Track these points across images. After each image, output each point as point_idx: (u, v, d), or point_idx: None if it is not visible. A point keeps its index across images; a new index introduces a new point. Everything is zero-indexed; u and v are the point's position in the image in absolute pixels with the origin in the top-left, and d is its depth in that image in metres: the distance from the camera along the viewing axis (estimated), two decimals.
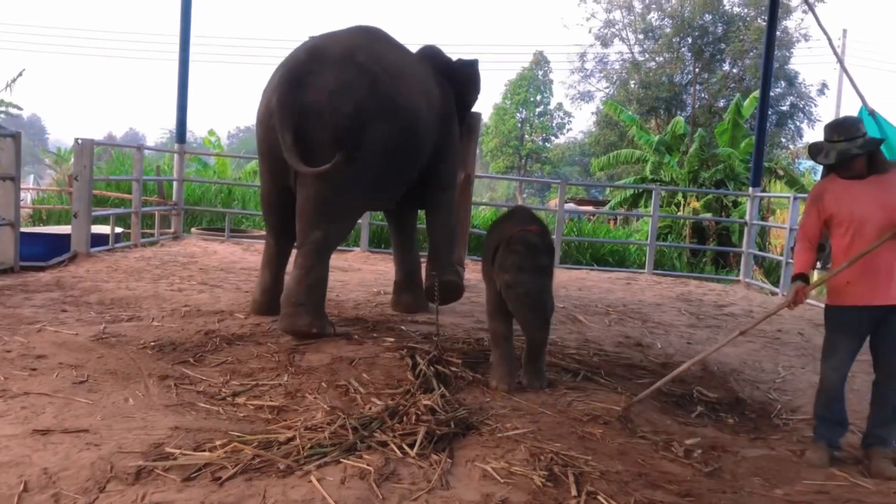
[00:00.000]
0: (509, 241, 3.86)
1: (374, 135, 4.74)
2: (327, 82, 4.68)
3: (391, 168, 4.99)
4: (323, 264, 4.88)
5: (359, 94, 4.70)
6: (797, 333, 6.30)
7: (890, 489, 3.07)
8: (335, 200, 4.78)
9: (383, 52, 5.08)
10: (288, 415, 3.40)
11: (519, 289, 3.80)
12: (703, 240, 13.74)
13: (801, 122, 25.65)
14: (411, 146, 5.05)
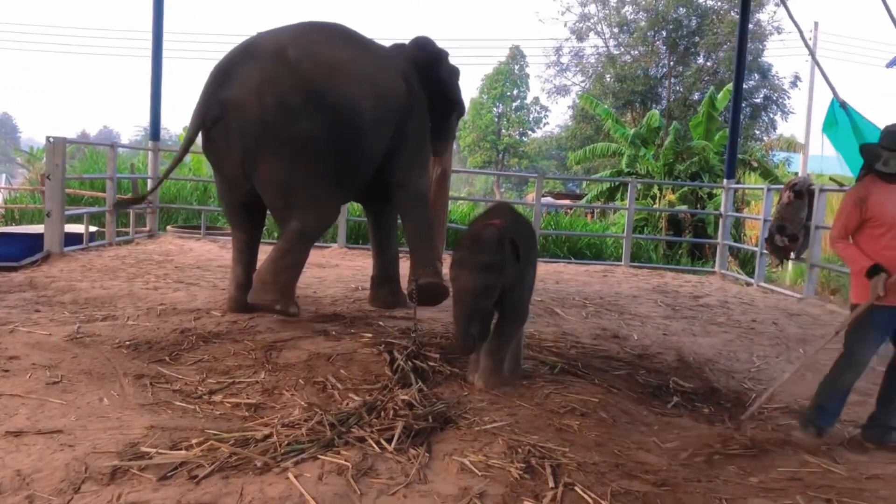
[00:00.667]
0: (463, 237, 3.82)
1: (303, 129, 4.81)
2: (252, 77, 4.81)
3: (337, 160, 4.99)
4: (299, 250, 5.07)
5: (282, 88, 4.78)
6: (771, 323, 6.38)
7: (861, 475, 3.11)
8: (296, 194, 4.96)
9: (322, 47, 5.05)
10: (265, 412, 3.39)
11: (455, 284, 3.68)
12: (678, 232, 13.85)
13: (775, 114, 25.90)
14: (349, 139, 4.98)
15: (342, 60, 5.03)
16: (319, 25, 5.35)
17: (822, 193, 7.87)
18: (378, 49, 5.51)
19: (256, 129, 4.79)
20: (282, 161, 4.87)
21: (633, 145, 15.28)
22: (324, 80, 4.90)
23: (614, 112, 19.44)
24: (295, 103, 4.80)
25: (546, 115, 38.16)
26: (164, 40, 9.97)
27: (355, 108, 4.97)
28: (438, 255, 5.93)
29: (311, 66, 4.90)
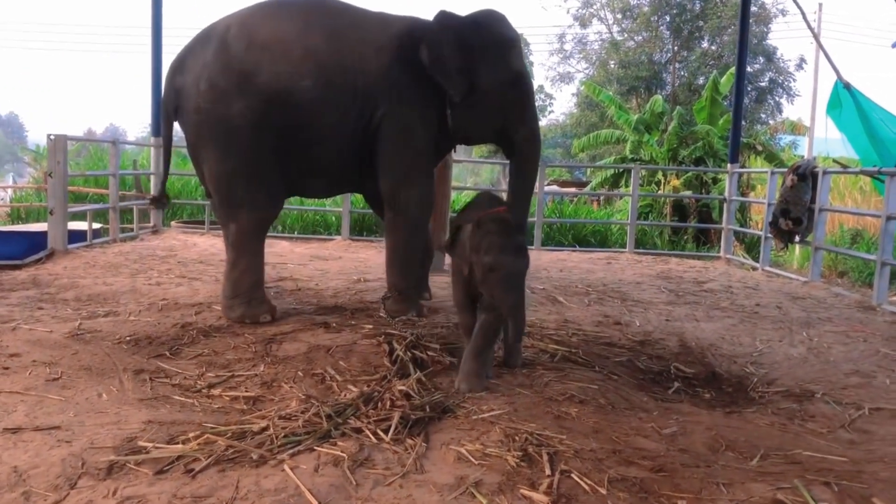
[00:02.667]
0: (479, 223, 3.58)
1: (233, 114, 4.67)
2: (196, 63, 4.75)
3: (276, 148, 4.79)
4: (245, 255, 4.94)
5: (213, 72, 4.68)
6: (775, 307, 6.34)
7: (861, 458, 3.10)
8: (231, 188, 4.84)
9: (264, 25, 4.78)
10: (263, 405, 3.39)
11: (502, 271, 3.50)
12: (683, 217, 13.79)
13: (781, 98, 25.69)
14: (288, 125, 4.75)
15: (282, 36, 4.75)
16: (287, 1, 5.07)
17: (825, 176, 7.82)
18: (362, 24, 4.99)
19: (195, 117, 4.75)
20: (216, 151, 4.77)
21: (636, 131, 15.21)
22: (253, 60, 4.68)
23: (618, 98, 19.34)
24: (224, 87, 4.67)
25: (551, 103, 38.04)
26: (163, 35, 9.97)
27: (290, 89, 4.70)
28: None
29: (243, 46, 4.70)
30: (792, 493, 2.59)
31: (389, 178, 5.05)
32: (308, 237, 10.59)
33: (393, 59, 4.92)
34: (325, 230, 12.04)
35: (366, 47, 4.90)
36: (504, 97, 5.06)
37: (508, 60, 5.07)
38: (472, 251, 3.59)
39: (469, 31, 4.98)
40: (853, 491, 2.65)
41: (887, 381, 4.30)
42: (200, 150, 4.89)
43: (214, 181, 4.90)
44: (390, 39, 4.97)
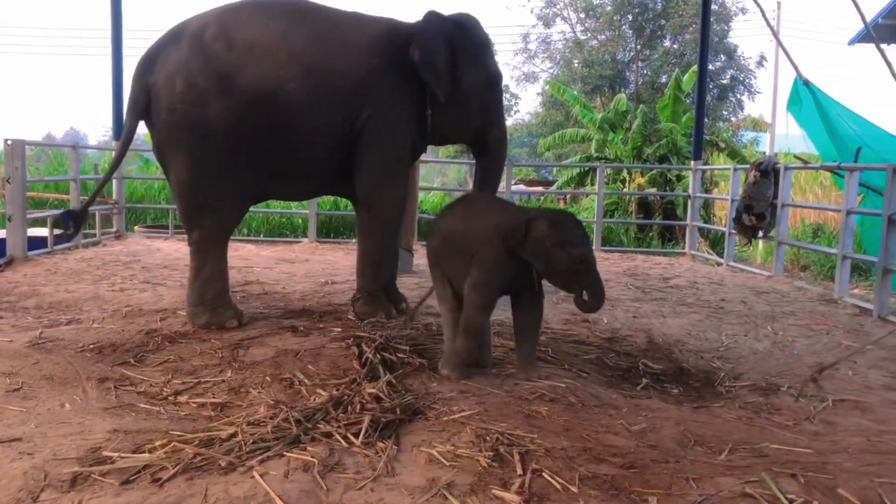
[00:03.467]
0: (555, 220, 3.76)
1: (211, 115, 4.60)
2: (168, 62, 4.65)
3: (253, 151, 4.73)
4: (209, 261, 4.88)
5: (190, 71, 4.60)
6: (740, 302, 6.43)
7: (827, 449, 3.14)
8: (198, 192, 4.76)
9: (245, 25, 4.72)
10: (231, 411, 3.35)
11: (590, 259, 3.77)
12: (649, 215, 13.92)
13: (742, 95, 26.04)
14: (269, 127, 4.69)
15: (265, 38, 4.69)
16: (263, 1, 5.01)
17: (787, 171, 7.94)
18: (343, 26, 4.98)
19: (167, 117, 4.66)
20: (186, 153, 4.68)
21: (601, 130, 15.32)
22: (235, 61, 4.62)
23: (583, 97, 19.46)
24: (203, 87, 4.60)
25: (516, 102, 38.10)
26: (123, 38, 9.82)
27: (275, 91, 4.66)
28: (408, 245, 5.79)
29: (224, 46, 4.63)
30: (760, 486, 2.62)
31: (368, 178, 5.04)
32: (274, 240, 10.51)
33: (377, 61, 4.93)
34: (291, 232, 11.96)
35: (350, 49, 4.89)
36: (482, 98, 5.20)
37: (487, 63, 5.22)
38: (554, 246, 3.70)
39: (455, 33, 5.05)
40: (819, 482, 2.69)
41: (850, 373, 4.37)
42: (169, 152, 4.80)
43: (181, 185, 4.81)
44: (373, 41, 4.97)
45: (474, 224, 3.95)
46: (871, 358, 4.72)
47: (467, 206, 4.16)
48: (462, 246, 3.92)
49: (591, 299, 3.83)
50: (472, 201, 4.28)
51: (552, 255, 3.72)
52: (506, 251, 3.77)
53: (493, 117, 5.33)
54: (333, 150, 4.97)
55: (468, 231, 3.94)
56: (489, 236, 3.83)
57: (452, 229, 4.02)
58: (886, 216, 6.07)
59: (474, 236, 3.89)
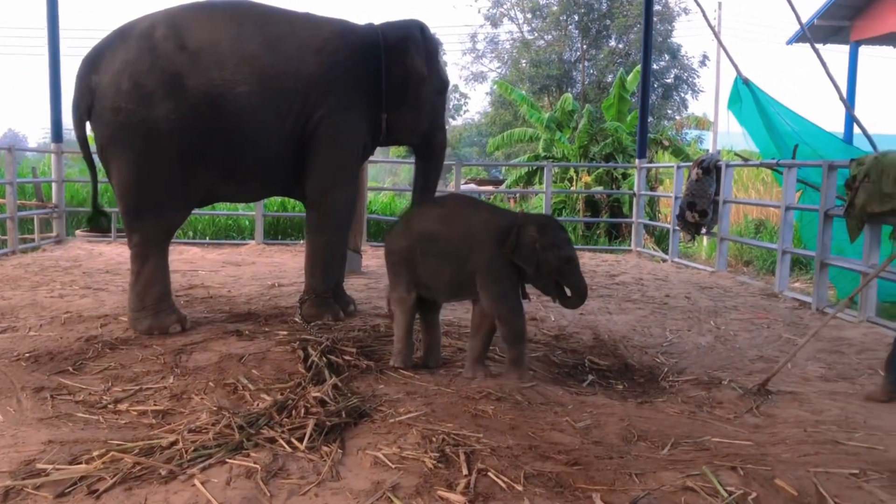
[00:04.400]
0: (544, 224, 3.94)
1: (158, 116, 4.55)
2: (115, 61, 4.58)
3: (201, 152, 4.68)
4: (150, 265, 4.80)
5: (138, 71, 4.55)
6: (684, 297, 6.55)
7: (766, 441, 3.21)
8: (141, 194, 4.69)
9: (195, 26, 4.69)
10: (173, 418, 3.28)
11: (575, 260, 4.02)
12: (596, 213, 14.08)
13: (686, 94, 26.50)
14: (218, 128, 4.65)
15: (216, 40, 4.66)
16: (213, 3, 5.00)
17: (728, 169, 8.11)
18: (296, 28, 4.94)
19: (112, 117, 4.58)
20: (130, 154, 4.60)
21: (548, 129, 15.43)
22: (185, 61, 4.59)
23: (530, 97, 19.59)
24: (150, 88, 4.54)
25: (466, 102, 38.31)
26: (60, 37, 9.58)
27: (224, 93, 4.63)
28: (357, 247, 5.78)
29: (174, 46, 4.60)
30: (701, 479, 2.66)
31: (318, 179, 5.01)
32: (220, 242, 10.34)
33: (330, 63, 4.91)
34: (238, 234, 11.78)
35: (302, 51, 4.87)
36: (433, 103, 5.38)
37: (440, 69, 5.40)
38: (544, 250, 3.85)
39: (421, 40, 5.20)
40: (758, 474, 2.74)
41: (789, 365, 4.47)
42: (112, 153, 4.70)
43: (123, 186, 4.71)
44: (327, 43, 4.96)
45: (460, 227, 3.97)
46: (809, 350, 4.84)
47: (447, 207, 4.15)
48: (447, 248, 3.93)
49: (576, 296, 4.01)
50: (450, 203, 4.27)
51: (542, 258, 3.86)
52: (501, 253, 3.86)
53: (439, 122, 5.52)
54: (284, 152, 4.93)
55: (454, 234, 3.95)
56: (483, 240, 3.89)
57: (433, 231, 4.00)
58: (823, 211, 6.24)
59: (464, 240, 3.92)
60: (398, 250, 4.08)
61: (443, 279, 3.97)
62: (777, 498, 2.57)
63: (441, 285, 4.01)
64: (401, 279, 4.08)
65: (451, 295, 4.14)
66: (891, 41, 15.14)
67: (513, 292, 3.97)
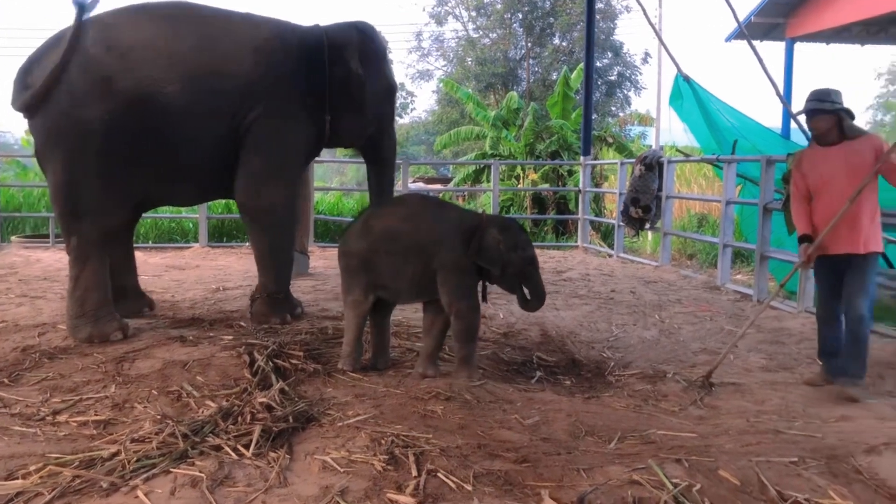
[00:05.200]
0: (505, 226, 3.99)
1: (88, 118, 4.50)
2: (48, 65, 4.53)
3: (133, 154, 4.62)
4: (89, 269, 4.71)
5: (71, 74, 4.52)
6: (629, 292, 6.63)
7: (709, 432, 3.28)
8: (76, 195, 4.62)
9: (126, 29, 4.64)
10: (114, 428, 3.20)
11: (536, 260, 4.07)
12: (543, 210, 14.18)
13: (629, 91, 26.89)
14: (149, 129, 4.60)
15: (147, 42, 4.61)
16: (151, 5, 4.91)
17: (670, 165, 8.25)
18: (233, 28, 4.89)
19: (45, 119, 4.55)
20: (65, 155, 4.56)
21: (495, 127, 15.48)
22: (114, 63, 4.53)
23: (477, 95, 19.64)
24: (81, 90, 4.50)
25: (413, 100, 38.19)
26: None
27: (154, 95, 4.56)
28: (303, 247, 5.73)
29: (104, 48, 4.55)
30: (647, 472, 2.70)
31: (250, 180, 4.95)
32: (163, 246, 10.16)
33: (267, 64, 4.85)
34: (181, 238, 11.55)
35: (238, 52, 4.81)
36: (380, 108, 5.34)
37: (386, 71, 5.38)
38: (508, 251, 3.90)
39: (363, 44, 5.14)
40: (702, 465, 2.79)
41: (731, 357, 4.58)
42: (47, 155, 4.66)
43: (58, 188, 4.65)
44: (264, 43, 4.90)
45: (426, 225, 3.98)
46: (751, 341, 4.96)
47: (410, 206, 4.16)
48: (411, 247, 3.93)
49: (535, 299, 4.07)
50: (412, 202, 4.29)
51: (506, 259, 3.92)
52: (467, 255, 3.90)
53: (386, 126, 5.50)
54: (220, 154, 4.87)
55: (419, 232, 3.95)
56: (448, 238, 3.91)
57: (396, 230, 3.98)
58: (762, 205, 6.39)
59: (431, 238, 3.93)
60: (357, 251, 4.04)
61: (405, 278, 3.98)
62: (720, 488, 2.62)
63: (403, 285, 4.01)
64: (358, 281, 4.04)
65: (413, 295, 4.13)
66: (824, 38, 15.58)
67: (473, 290, 4.02)
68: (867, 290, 3.84)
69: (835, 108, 3.85)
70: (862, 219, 3.84)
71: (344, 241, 4.17)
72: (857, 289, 3.85)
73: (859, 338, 3.84)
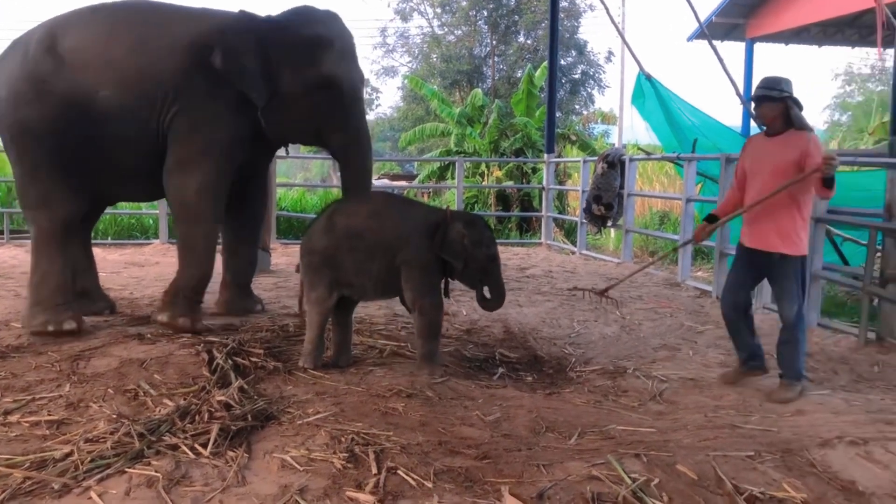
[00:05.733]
0: (471, 222, 4.01)
1: (28, 120, 4.61)
2: (4, 69, 4.75)
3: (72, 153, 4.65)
4: (45, 258, 4.70)
5: (14, 78, 4.65)
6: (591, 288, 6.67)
7: (668, 427, 3.31)
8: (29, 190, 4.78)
9: (69, 32, 4.67)
10: (68, 428, 3.12)
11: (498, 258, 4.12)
12: (507, 207, 14.22)
13: (592, 89, 27.08)
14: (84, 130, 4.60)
15: (83, 46, 4.63)
16: (103, 5, 4.85)
17: (632, 163, 8.32)
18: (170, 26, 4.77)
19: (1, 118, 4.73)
20: (16, 155, 4.75)
21: (460, 125, 15.50)
22: (51, 68, 4.58)
23: (442, 92, 19.64)
24: (23, 93, 4.61)
25: (377, 96, 38.09)
26: None
27: (87, 97, 4.57)
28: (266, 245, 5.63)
29: (42, 52, 4.61)
30: (606, 467, 2.72)
31: (167, 172, 4.77)
32: (123, 242, 9.99)
33: (188, 61, 4.68)
34: (141, 234, 11.37)
35: (164, 50, 4.68)
36: (313, 101, 4.83)
37: (317, 63, 4.82)
38: (472, 246, 3.92)
39: (271, 33, 4.79)
40: (660, 460, 2.82)
41: (691, 353, 4.64)
42: (7, 153, 4.92)
43: (16, 182, 4.90)
44: (187, 40, 4.72)
45: (392, 222, 3.98)
46: (710, 337, 5.03)
47: (376, 204, 4.19)
48: (377, 244, 3.93)
49: (496, 298, 4.11)
50: (378, 199, 4.37)
51: (470, 255, 3.94)
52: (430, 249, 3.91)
53: (332, 122, 4.94)
54: (154, 153, 4.77)
55: (385, 229, 3.95)
56: (413, 235, 3.92)
57: (362, 228, 3.96)
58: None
59: (396, 234, 3.94)
60: (321, 249, 4.00)
61: (371, 275, 3.97)
62: (678, 482, 2.65)
63: (367, 282, 4.00)
64: (322, 279, 4.01)
65: (378, 292, 4.14)
66: (783, 39, 15.86)
67: (436, 287, 4.04)
68: (794, 295, 3.78)
69: (782, 97, 3.75)
70: (782, 218, 3.76)
71: (307, 238, 4.13)
72: (783, 295, 3.83)
73: (792, 342, 3.82)
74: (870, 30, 13.59)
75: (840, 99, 30.75)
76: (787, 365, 3.83)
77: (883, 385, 4.06)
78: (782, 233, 3.77)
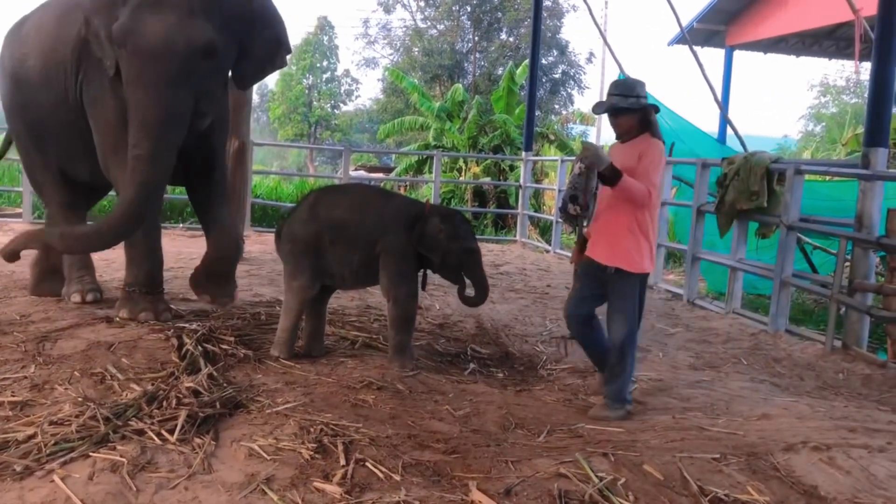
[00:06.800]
0: (447, 216, 4.00)
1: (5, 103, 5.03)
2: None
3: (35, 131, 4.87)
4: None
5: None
6: (564, 287, 6.69)
7: (636, 428, 3.34)
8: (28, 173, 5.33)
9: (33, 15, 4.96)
10: (32, 410, 3.07)
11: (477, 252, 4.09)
12: (483, 203, 14.26)
13: (572, 89, 27.20)
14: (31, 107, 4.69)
15: (32, 23, 4.86)
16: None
17: None
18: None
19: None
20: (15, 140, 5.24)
21: (439, 119, 15.50)
22: (7, 44, 4.99)
23: (422, 86, 19.62)
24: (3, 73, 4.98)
25: (357, 87, 37.89)
26: None
27: (25, 71, 4.73)
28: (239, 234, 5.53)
29: (8, 36, 5.00)
30: (573, 465, 2.73)
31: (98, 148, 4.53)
32: None
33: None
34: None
35: (78, 20, 4.37)
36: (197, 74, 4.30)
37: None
38: (449, 240, 3.92)
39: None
40: (627, 459, 2.84)
41: (661, 355, 4.68)
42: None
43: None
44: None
45: (372, 213, 4.00)
46: (679, 340, 5.07)
47: (357, 195, 4.20)
48: (358, 234, 3.95)
49: (478, 293, 4.10)
50: (359, 191, 4.39)
51: (446, 248, 3.94)
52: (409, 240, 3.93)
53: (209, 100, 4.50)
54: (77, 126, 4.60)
55: (366, 220, 3.98)
56: (393, 227, 3.95)
57: (344, 219, 3.97)
58: (696, 208, 6.53)
59: (376, 225, 3.96)
60: (304, 237, 3.99)
61: (352, 265, 3.99)
62: (645, 482, 2.67)
63: (347, 272, 4.02)
64: (304, 268, 4.00)
65: (359, 281, 4.20)
66: (762, 47, 16.02)
67: (412, 277, 4.05)
68: (626, 315, 3.52)
69: (640, 105, 3.53)
70: (619, 233, 3.57)
71: (288, 226, 4.09)
72: (614, 313, 3.55)
73: (619, 366, 3.52)
74: (847, 42, 13.78)
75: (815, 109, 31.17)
76: (612, 389, 3.51)
77: (847, 392, 4.12)
78: (618, 247, 3.55)
